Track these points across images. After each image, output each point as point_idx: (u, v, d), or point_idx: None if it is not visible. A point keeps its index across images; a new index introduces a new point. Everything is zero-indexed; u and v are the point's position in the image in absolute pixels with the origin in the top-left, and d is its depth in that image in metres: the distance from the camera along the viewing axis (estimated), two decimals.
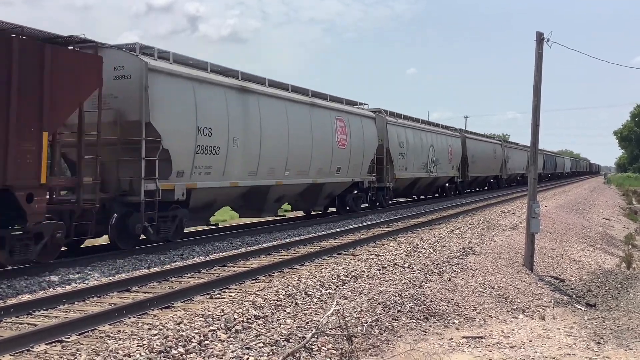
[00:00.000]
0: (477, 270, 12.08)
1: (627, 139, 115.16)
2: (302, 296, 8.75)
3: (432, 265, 11.61)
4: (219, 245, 14.35)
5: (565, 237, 19.94)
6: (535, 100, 14.26)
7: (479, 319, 9.37)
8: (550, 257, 15.84)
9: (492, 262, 13.20)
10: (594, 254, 18.42)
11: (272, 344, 6.54)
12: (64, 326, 6.88)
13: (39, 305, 8.15)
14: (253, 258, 12.67)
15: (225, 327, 6.92)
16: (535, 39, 14.14)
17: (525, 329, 8.95)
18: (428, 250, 13.33)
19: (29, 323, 7.49)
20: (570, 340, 8.41)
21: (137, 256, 12.42)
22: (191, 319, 7.13)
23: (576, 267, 15.66)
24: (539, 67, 14.16)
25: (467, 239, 15.60)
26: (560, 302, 11.72)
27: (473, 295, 10.49)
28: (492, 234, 17.03)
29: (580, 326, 9.45)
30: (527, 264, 13.81)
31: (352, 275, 10.32)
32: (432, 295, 9.68)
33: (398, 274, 10.66)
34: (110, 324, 7.32)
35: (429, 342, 7.75)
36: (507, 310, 10.32)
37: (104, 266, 11.32)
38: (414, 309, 8.83)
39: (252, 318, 7.37)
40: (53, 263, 10.96)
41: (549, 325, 9.45)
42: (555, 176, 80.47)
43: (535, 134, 14.46)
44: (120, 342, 6.22)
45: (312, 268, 11.47)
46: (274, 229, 17.64)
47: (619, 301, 12.50)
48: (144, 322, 7.40)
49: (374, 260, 11.82)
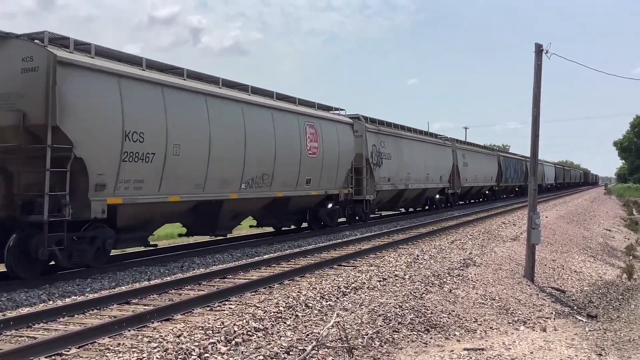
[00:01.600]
0: (477, 281, 12.05)
1: (627, 150, 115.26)
2: (303, 308, 8.72)
3: (432, 277, 11.58)
4: (219, 257, 14.34)
5: (566, 248, 19.90)
6: (534, 111, 14.28)
7: (480, 331, 9.34)
8: (551, 268, 15.80)
9: (493, 273, 13.17)
10: (595, 265, 18.38)
11: (272, 356, 6.51)
12: (64, 339, 6.86)
13: (38, 318, 8.13)
14: (253, 269, 12.65)
15: (225, 339, 6.89)
16: (535, 50, 14.19)
17: (526, 340, 8.91)
18: (428, 262, 13.30)
19: (28, 336, 7.47)
20: (572, 351, 8.37)
21: (137, 268, 12.40)
22: (191, 331, 7.11)
23: (577, 278, 15.62)
24: (538, 79, 14.20)
25: (467, 250, 15.57)
26: (561, 313, 11.68)
27: (474, 306, 10.46)
28: (492, 245, 16.99)
29: (581, 337, 9.41)
30: (528, 275, 13.77)
31: (352, 287, 10.30)
32: (433, 306, 9.64)
33: (398, 286, 10.64)
34: (110, 337, 7.29)
35: (429, 354, 7.72)
36: (508, 322, 10.28)
37: (104, 278, 11.30)
38: (414, 321, 8.80)
39: (252, 330, 7.35)
40: (53, 275, 10.93)
41: (550, 336, 9.41)
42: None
43: (535, 144, 14.48)
44: (120, 355, 6.21)
45: (313, 280, 11.45)
46: (274, 241, 17.63)
47: (620, 312, 12.46)
48: (144, 334, 7.38)
49: (374, 272, 11.80)
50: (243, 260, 13.87)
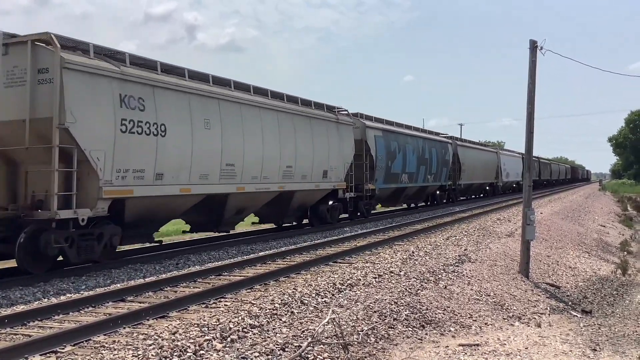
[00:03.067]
0: (473, 277, 12.08)
1: (622, 146, 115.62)
2: (298, 305, 8.73)
3: (428, 273, 11.60)
4: (215, 254, 14.32)
5: (561, 244, 19.96)
6: (529, 108, 14.31)
7: (475, 327, 9.36)
8: (546, 264, 15.85)
9: (488, 269, 13.20)
10: (590, 261, 18.44)
11: (267, 353, 6.52)
12: (59, 337, 6.85)
13: (33, 316, 8.12)
14: (249, 267, 12.64)
15: (221, 336, 6.89)
16: (529, 47, 14.20)
17: (521, 336, 8.95)
18: (424, 258, 13.32)
19: (23, 334, 7.46)
20: (566, 347, 8.41)
21: (132, 266, 12.38)
22: (186, 328, 7.10)
23: (572, 274, 15.67)
24: (533, 75, 14.22)
25: (462, 246, 15.60)
26: (556, 309, 11.72)
27: (469, 302, 10.49)
28: (487, 241, 17.03)
29: (576, 333, 9.45)
30: (523, 271, 13.81)
31: (348, 284, 10.31)
32: (428, 303, 9.67)
33: (394, 282, 10.66)
34: (105, 334, 7.29)
35: (425, 350, 7.74)
36: (503, 318, 10.31)
37: (99, 276, 11.29)
38: (410, 317, 8.82)
39: (247, 327, 7.35)
40: (47, 273, 10.91)
41: (545, 332, 9.45)
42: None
43: (529, 141, 14.50)
44: (115, 353, 6.20)
45: (308, 276, 11.46)
46: (270, 238, 17.62)
47: (614, 308, 12.50)
48: (139, 332, 7.38)
49: (369, 269, 11.81)
50: (239, 257, 13.87)
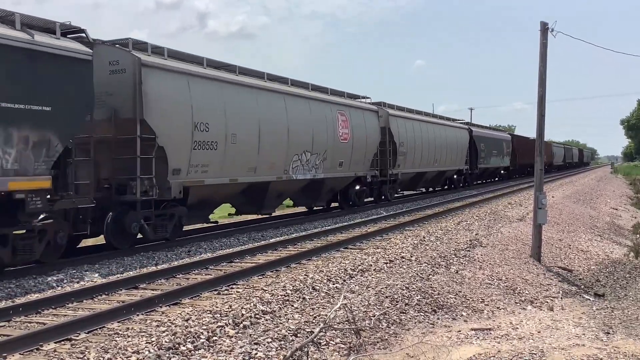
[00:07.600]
0: (484, 262, 12.06)
1: (634, 128, 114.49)
2: (310, 291, 8.75)
3: (439, 258, 11.59)
4: (226, 242, 14.37)
5: (573, 227, 19.86)
6: (540, 91, 14.18)
7: (487, 311, 9.36)
8: (558, 248, 15.79)
9: (500, 253, 13.16)
10: (602, 244, 18.35)
11: (280, 339, 6.55)
12: (73, 324, 6.91)
13: (47, 304, 8.18)
14: (260, 253, 12.67)
15: (233, 322, 6.93)
16: (540, 28, 14.05)
17: (533, 320, 8.93)
18: (435, 243, 13.31)
19: (38, 322, 7.53)
20: (579, 330, 8.38)
21: (145, 253, 12.45)
22: (199, 315, 7.14)
23: (584, 258, 15.60)
24: (544, 57, 14.08)
25: (474, 231, 15.57)
26: (568, 292, 11.68)
27: (481, 287, 10.48)
28: (499, 225, 16.98)
29: (588, 316, 9.42)
30: (535, 255, 13.77)
31: (359, 269, 10.32)
32: (440, 288, 9.66)
33: (405, 267, 10.65)
34: (119, 322, 7.34)
35: (437, 334, 7.75)
36: (515, 302, 10.30)
37: (112, 264, 11.35)
38: (421, 302, 8.83)
39: (259, 313, 7.38)
40: (60, 262, 10.99)
41: (558, 316, 9.43)
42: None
43: (540, 124, 14.40)
44: (129, 340, 6.24)
45: (319, 262, 11.47)
46: (280, 224, 17.66)
47: (627, 291, 12.45)
48: (152, 319, 7.42)
49: (380, 254, 11.81)
50: (250, 244, 13.90)
